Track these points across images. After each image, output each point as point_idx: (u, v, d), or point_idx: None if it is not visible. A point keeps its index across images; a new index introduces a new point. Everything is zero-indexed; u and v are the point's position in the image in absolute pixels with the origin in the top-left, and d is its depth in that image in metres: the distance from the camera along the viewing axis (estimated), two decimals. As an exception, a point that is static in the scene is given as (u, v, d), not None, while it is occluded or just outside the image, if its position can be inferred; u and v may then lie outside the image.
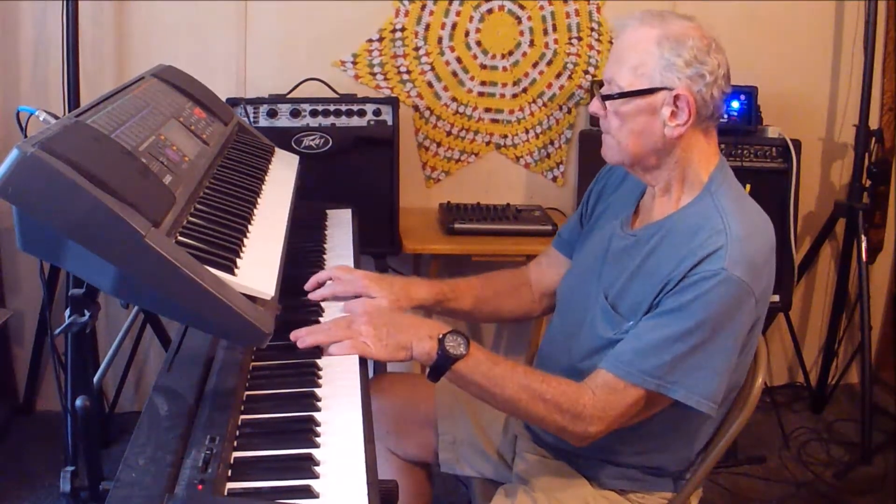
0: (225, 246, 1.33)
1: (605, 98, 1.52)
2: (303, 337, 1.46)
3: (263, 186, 1.76)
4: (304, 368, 1.40)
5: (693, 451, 1.63)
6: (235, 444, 1.19)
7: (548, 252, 1.91)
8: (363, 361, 1.45)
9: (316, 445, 1.19)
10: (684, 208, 1.53)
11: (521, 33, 2.97)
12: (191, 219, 1.36)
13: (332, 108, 2.63)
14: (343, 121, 2.63)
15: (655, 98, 1.48)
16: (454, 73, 2.97)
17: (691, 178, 1.54)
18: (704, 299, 1.39)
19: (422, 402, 1.86)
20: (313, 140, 2.61)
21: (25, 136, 1.16)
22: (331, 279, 1.69)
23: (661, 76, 1.46)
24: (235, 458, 1.16)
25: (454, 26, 2.93)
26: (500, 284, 1.89)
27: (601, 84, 1.57)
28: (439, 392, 1.86)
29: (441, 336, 1.44)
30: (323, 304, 1.67)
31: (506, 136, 3.05)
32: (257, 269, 1.33)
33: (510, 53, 2.98)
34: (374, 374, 2.16)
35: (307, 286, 1.69)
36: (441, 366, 1.44)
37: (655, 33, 1.47)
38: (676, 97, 1.46)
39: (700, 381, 1.42)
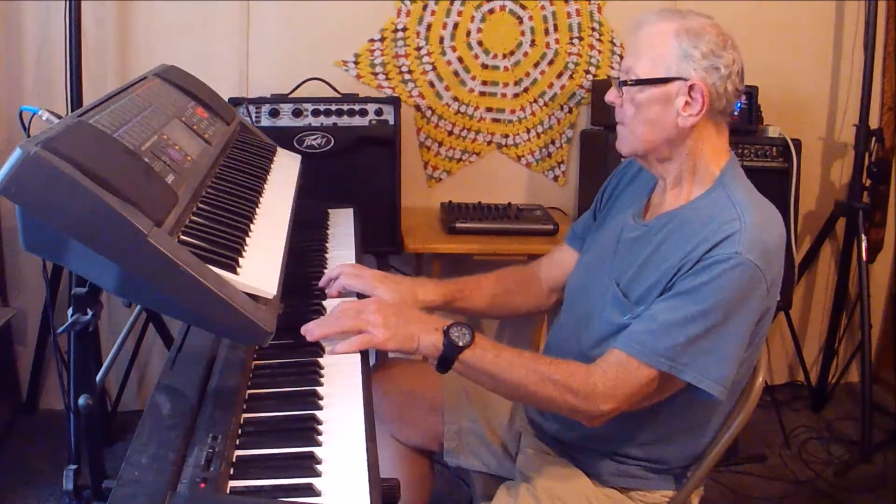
0: (227, 245, 1.34)
1: (623, 84, 1.55)
2: (311, 330, 1.48)
3: (265, 186, 1.77)
4: (306, 367, 1.41)
5: (700, 445, 1.64)
6: (237, 442, 1.20)
7: (561, 248, 1.93)
8: (365, 359, 1.46)
9: (318, 444, 1.19)
10: (696, 199, 1.56)
11: (523, 33, 2.98)
12: (193, 218, 1.37)
13: (333, 107, 2.63)
14: (345, 120, 2.64)
15: (671, 87, 1.51)
16: (455, 73, 2.97)
17: (702, 171, 1.56)
18: (718, 282, 1.41)
19: (428, 390, 1.86)
20: (315, 139, 2.62)
21: (28, 136, 1.16)
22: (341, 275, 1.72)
23: (678, 66, 1.50)
24: (237, 456, 1.17)
25: (455, 26, 2.94)
26: (510, 281, 1.90)
27: (617, 80, 1.59)
28: (446, 381, 1.86)
29: (446, 328, 1.47)
30: (325, 302, 1.68)
31: (507, 136, 3.05)
32: (259, 268, 1.34)
33: (511, 53, 2.99)
34: (378, 360, 2.17)
35: (322, 283, 1.73)
36: (448, 356, 1.46)
37: (674, 27, 1.51)
38: (691, 87, 1.50)
39: (711, 365, 1.43)
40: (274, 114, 2.60)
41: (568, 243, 1.90)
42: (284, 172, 1.95)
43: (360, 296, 1.71)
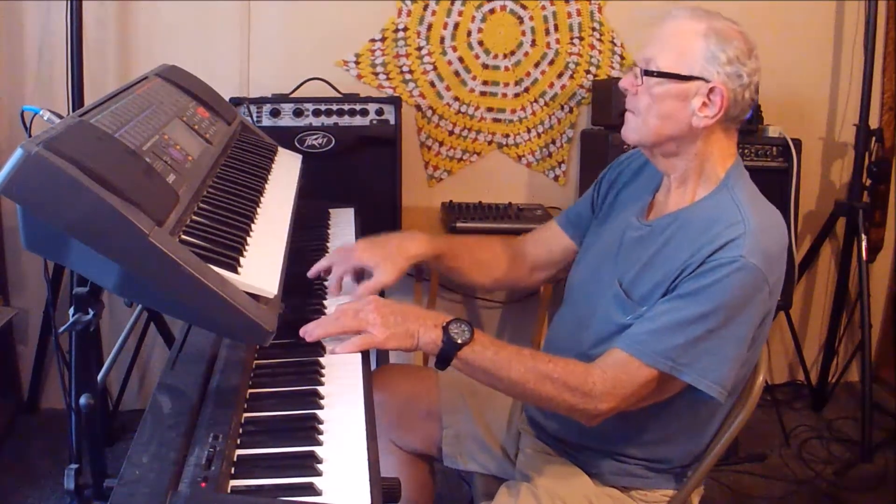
0: (228, 245, 1.34)
1: (645, 74, 1.53)
2: (311, 331, 1.47)
3: (266, 185, 1.77)
4: (307, 366, 1.41)
5: (700, 444, 1.64)
6: (238, 441, 1.20)
7: (549, 226, 1.92)
8: (366, 359, 1.46)
9: (319, 443, 1.19)
10: (701, 201, 1.55)
11: (523, 33, 2.98)
12: (194, 218, 1.37)
13: (334, 107, 2.64)
14: (346, 120, 2.64)
15: (690, 86, 1.50)
16: (456, 73, 2.98)
17: (708, 172, 1.56)
18: (721, 285, 1.41)
19: (425, 396, 1.86)
20: (316, 139, 2.62)
21: (30, 136, 1.16)
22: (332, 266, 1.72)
23: (702, 66, 1.49)
24: (238, 455, 1.17)
25: (456, 26, 2.94)
26: (497, 249, 1.91)
27: (637, 67, 1.56)
28: (443, 386, 1.87)
29: (445, 324, 1.46)
30: (326, 301, 1.68)
31: (507, 136, 3.06)
32: (260, 268, 1.34)
33: (512, 53, 2.99)
34: (377, 366, 2.17)
35: (310, 273, 1.72)
36: (447, 353, 1.46)
37: (703, 26, 1.51)
38: (711, 90, 1.49)
39: (711, 366, 1.43)
40: (275, 113, 2.61)
41: (557, 223, 1.89)
42: (285, 172, 1.95)
43: (360, 278, 1.71)
